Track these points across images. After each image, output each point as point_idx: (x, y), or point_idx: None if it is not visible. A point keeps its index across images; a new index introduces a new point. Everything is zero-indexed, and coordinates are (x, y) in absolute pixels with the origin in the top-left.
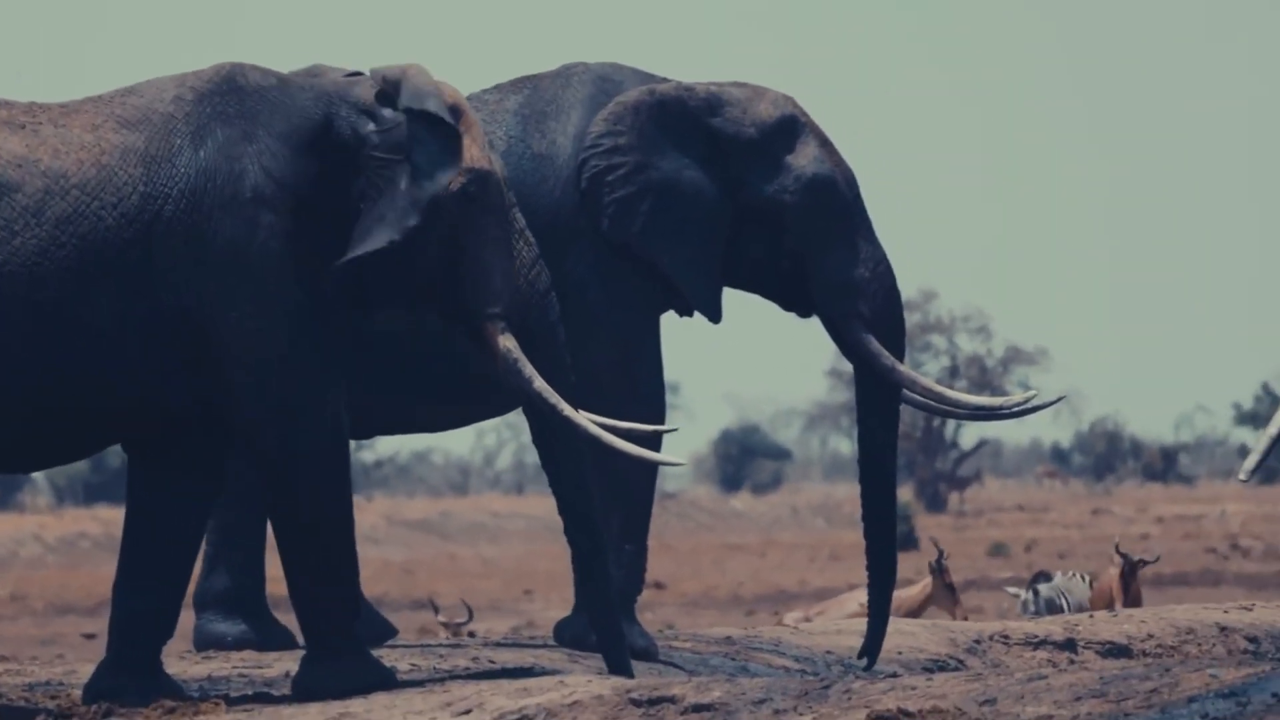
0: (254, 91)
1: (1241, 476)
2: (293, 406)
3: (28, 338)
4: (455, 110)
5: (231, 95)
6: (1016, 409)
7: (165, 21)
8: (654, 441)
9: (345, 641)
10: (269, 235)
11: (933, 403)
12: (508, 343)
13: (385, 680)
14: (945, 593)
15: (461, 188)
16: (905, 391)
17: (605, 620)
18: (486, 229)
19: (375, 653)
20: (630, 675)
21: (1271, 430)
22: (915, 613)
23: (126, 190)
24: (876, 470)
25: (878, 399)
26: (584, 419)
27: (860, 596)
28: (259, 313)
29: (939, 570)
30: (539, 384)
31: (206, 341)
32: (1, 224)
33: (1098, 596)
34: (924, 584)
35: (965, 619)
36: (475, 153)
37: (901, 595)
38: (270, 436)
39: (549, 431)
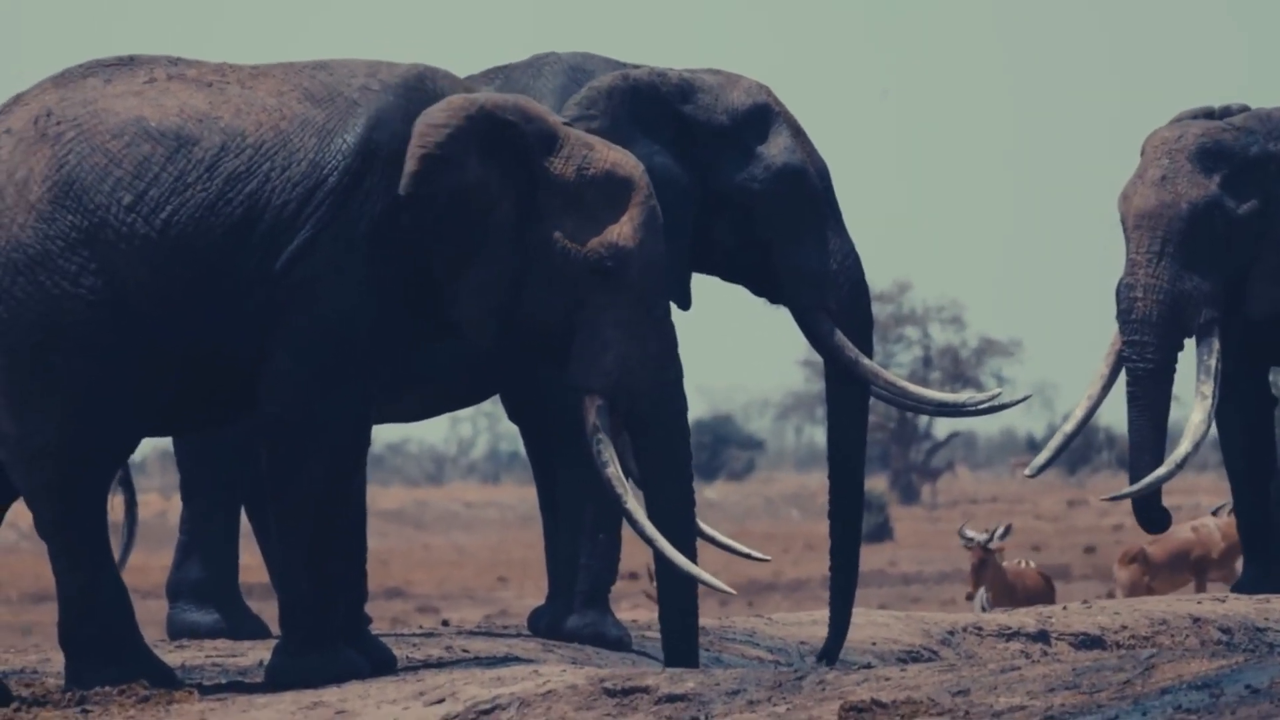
0: (436, 98)
1: (1028, 473)
2: (334, 392)
3: (188, 288)
4: (625, 184)
5: (416, 94)
6: (983, 406)
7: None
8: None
9: (320, 631)
10: (404, 233)
11: (898, 397)
12: (597, 420)
13: (358, 670)
14: None
15: (598, 259)
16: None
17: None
18: (614, 307)
19: None
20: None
21: (1067, 428)
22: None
23: (298, 156)
24: (844, 464)
25: (846, 392)
26: (645, 519)
27: (1193, 521)
28: (352, 296)
29: None
30: (610, 471)
31: (292, 314)
32: (177, 175)
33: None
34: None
35: None
36: (626, 230)
37: (1220, 531)
38: (300, 414)
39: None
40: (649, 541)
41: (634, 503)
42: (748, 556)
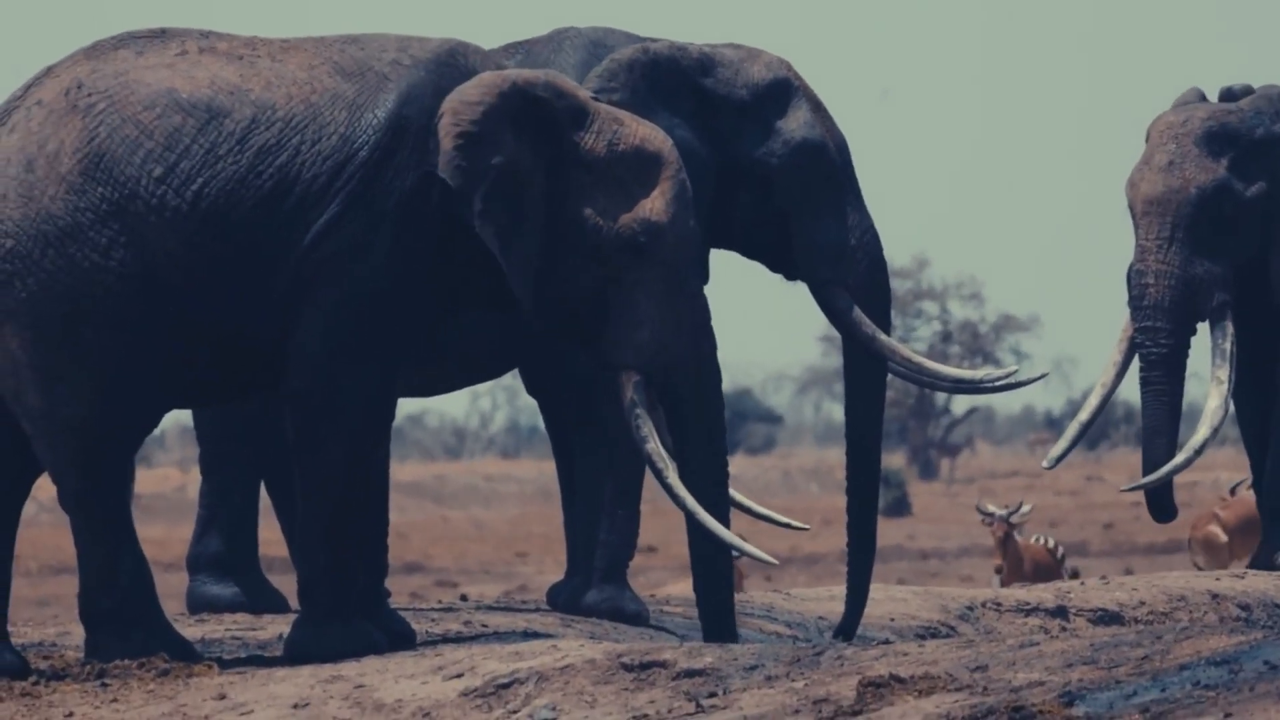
0: (468, 73)
1: (1046, 465)
2: (359, 368)
3: (218, 260)
4: (655, 159)
5: (447, 69)
6: (1000, 384)
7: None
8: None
9: (339, 605)
10: (433, 209)
11: (915, 373)
12: (635, 395)
13: (376, 644)
14: None
15: (631, 235)
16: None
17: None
18: (648, 282)
19: None
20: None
21: (1082, 416)
22: None
23: (328, 130)
24: (861, 440)
25: (863, 368)
26: (686, 493)
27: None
28: (379, 272)
29: None
30: (651, 446)
31: (319, 289)
32: (208, 148)
33: None
34: None
35: None
36: (658, 205)
37: None
38: (325, 391)
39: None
40: (690, 514)
41: (676, 477)
42: (786, 525)
